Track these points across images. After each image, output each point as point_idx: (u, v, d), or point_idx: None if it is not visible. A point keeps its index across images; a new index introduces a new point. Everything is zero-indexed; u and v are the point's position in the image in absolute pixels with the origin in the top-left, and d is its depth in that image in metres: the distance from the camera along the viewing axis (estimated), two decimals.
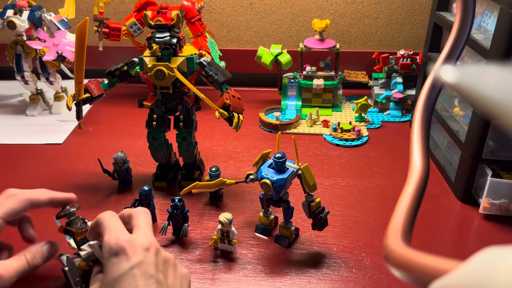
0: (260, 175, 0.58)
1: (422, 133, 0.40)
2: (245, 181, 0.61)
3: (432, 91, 0.42)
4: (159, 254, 0.45)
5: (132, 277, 0.42)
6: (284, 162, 0.57)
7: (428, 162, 0.38)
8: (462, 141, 0.70)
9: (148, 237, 0.46)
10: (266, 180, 0.56)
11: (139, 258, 0.43)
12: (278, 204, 0.60)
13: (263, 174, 0.57)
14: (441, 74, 0.20)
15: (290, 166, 0.58)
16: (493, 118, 0.19)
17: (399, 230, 0.32)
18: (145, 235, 0.46)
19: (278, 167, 0.57)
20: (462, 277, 0.20)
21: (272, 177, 0.56)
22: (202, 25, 0.99)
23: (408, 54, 0.97)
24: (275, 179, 0.56)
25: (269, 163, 0.59)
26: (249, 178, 0.60)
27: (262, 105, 1.03)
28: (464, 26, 0.43)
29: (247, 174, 0.61)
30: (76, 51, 0.64)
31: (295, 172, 0.58)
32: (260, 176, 0.58)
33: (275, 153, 0.58)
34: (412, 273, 0.25)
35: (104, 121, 0.98)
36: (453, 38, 0.43)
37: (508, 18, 0.58)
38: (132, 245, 0.44)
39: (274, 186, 0.56)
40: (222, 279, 0.56)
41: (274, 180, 0.56)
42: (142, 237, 0.45)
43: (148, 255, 0.44)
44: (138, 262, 0.43)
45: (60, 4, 1.10)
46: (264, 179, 0.57)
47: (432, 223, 0.66)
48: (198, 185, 0.60)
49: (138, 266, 0.42)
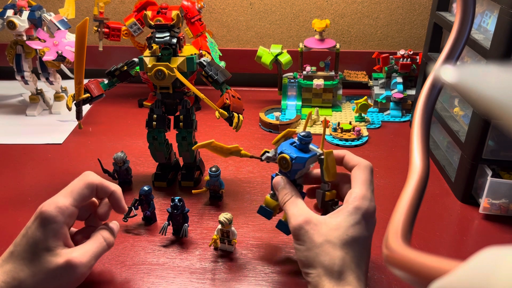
0: (280, 150, 0.55)
1: (422, 133, 0.40)
2: (260, 158, 0.58)
3: (432, 91, 0.42)
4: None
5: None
6: (309, 142, 0.54)
7: (428, 162, 0.38)
8: (462, 141, 0.70)
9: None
10: (285, 154, 0.53)
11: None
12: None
13: (284, 149, 0.54)
14: (441, 74, 0.20)
15: (313, 149, 0.55)
16: (493, 118, 0.19)
17: (399, 230, 0.32)
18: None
19: (302, 146, 0.54)
20: (462, 277, 0.20)
21: (292, 153, 0.53)
22: (202, 25, 0.99)
23: (408, 54, 0.97)
24: (296, 156, 0.53)
25: (291, 141, 0.56)
26: (265, 155, 0.58)
27: (262, 105, 1.03)
28: (464, 26, 0.43)
29: (264, 151, 0.58)
30: (76, 51, 0.64)
31: (317, 156, 0.54)
32: (279, 151, 0.55)
33: (300, 132, 0.55)
34: (412, 273, 0.25)
35: (104, 121, 0.98)
36: (453, 38, 0.43)
37: (508, 18, 0.58)
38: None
39: (292, 163, 0.53)
40: (222, 279, 0.56)
41: (294, 156, 0.53)
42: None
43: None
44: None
45: (60, 4, 1.10)
46: (283, 154, 0.54)
47: (432, 223, 0.66)
48: (213, 144, 0.58)
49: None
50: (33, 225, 0.48)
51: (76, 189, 0.51)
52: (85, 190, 0.51)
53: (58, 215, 0.48)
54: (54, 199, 0.50)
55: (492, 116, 0.19)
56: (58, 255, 0.48)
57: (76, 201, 0.50)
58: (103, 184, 0.53)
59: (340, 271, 0.45)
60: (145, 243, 0.62)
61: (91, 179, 0.52)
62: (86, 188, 0.52)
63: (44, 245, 0.48)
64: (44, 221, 0.48)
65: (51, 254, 0.48)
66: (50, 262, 0.47)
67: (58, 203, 0.49)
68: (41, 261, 0.47)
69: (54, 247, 0.48)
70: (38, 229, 0.48)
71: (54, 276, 0.47)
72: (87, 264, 0.49)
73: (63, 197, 0.50)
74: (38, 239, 0.48)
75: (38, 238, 0.48)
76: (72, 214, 0.50)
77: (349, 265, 0.45)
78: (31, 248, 0.47)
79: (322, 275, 0.45)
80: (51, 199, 0.50)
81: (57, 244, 0.48)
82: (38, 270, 0.47)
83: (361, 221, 0.47)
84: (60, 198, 0.50)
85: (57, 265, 0.47)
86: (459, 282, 0.20)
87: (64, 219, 0.49)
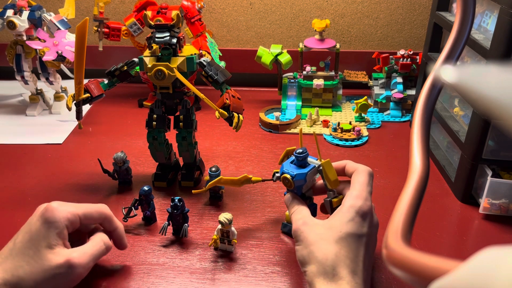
0: (282, 170, 0.58)
1: (422, 133, 0.40)
2: (272, 179, 0.61)
3: (432, 91, 0.42)
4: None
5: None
6: (305, 158, 0.57)
7: (428, 162, 0.38)
8: (462, 141, 0.70)
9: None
10: (286, 174, 0.57)
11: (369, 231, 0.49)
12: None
13: (284, 169, 0.58)
14: (441, 74, 0.20)
15: (312, 162, 0.58)
16: (493, 118, 0.19)
17: (399, 230, 0.32)
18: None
19: (300, 162, 0.57)
20: (462, 277, 0.20)
21: (292, 171, 0.57)
22: (202, 25, 0.99)
23: (408, 54, 0.97)
24: (295, 173, 0.56)
25: (291, 159, 0.59)
26: (275, 176, 0.60)
27: (262, 105, 1.03)
28: (464, 26, 0.43)
29: (274, 172, 0.61)
30: (76, 51, 0.64)
31: (316, 168, 0.58)
32: (281, 172, 0.58)
33: (296, 149, 0.58)
34: (412, 273, 0.25)
35: (104, 121, 0.98)
36: (453, 38, 0.43)
37: (508, 18, 0.58)
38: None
39: (294, 181, 0.56)
40: (222, 279, 0.56)
41: (294, 174, 0.56)
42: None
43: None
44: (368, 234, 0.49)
45: (60, 4, 1.10)
46: (284, 174, 0.57)
47: (432, 223, 0.66)
48: (222, 180, 0.61)
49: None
50: (38, 222, 0.50)
51: (88, 209, 0.54)
52: (94, 213, 0.54)
53: (65, 216, 0.50)
54: (64, 203, 0.52)
55: (492, 116, 0.19)
56: (58, 254, 0.49)
57: (84, 215, 0.53)
58: (112, 218, 0.56)
59: (333, 265, 0.46)
60: (145, 243, 0.62)
61: (104, 209, 0.56)
62: (96, 212, 0.55)
63: (47, 242, 0.49)
64: (50, 219, 0.50)
65: (51, 252, 0.48)
66: (50, 260, 0.48)
67: (67, 208, 0.52)
68: (42, 257, 0.48)
69: (55, 245, 0.49)
70: (43, 226, 0.49)
71: (52, 274, 0.48)
72: (85, 266, 0.50)
73: (73, 206, 0.53)
74: (41, 235, 0.49)
75: (42, 235, 0.49)
76: (75, 223, 0.52)
77: (343, 260, 0.46)
78: (34, 244, 0.48)
79: (316, 271, 0.46)
80: (60, 202, 0.52)
81: (58, 243, 0.49)
82: (37, 267, 0.47)
83: (355, 218, 0.49)
84: (70, 205, 0.53)
85: (57, 264, 0.48)
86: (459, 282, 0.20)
87: (68, 222, 0.51)
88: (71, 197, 0.71)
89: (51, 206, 0.51)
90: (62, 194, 0.72)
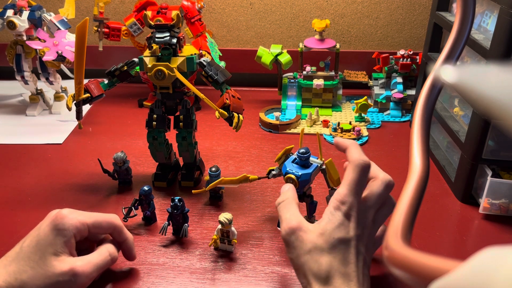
0: (285, 170, 0.58)
1: (422, 133, 0.40)
2: (267, 176, 0.61)
3: (432, 91, 0.42)
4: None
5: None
6: (308, 157, 0.58)
7: (428, 162, 0.38)
8: (462, 141, 0.70)
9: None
10: (291, 175, 0.57)
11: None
12: (301, 199, 0.60)
13: (288, 169, 0.58)
14: (441, 74, 0.20)
15: (314, 161, 0.58)
16: (493, 118, 0.19)
17: (399, 230, 0.32)
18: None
19: (302, 162, 0.58)
20: (462, 277, 0.20)
21: (297, 172, 0.57)
22: (202, 25, 0.99)
23: (408, 54, 0.97)
24: (300, 174, 0.57)
25: (292, 159, 0.59)
26: (271, 174, 0.61)
27: (262, 105, 1.03)
28: (464, 26, 0.43)
29: (269, 170, 0.61)
30: (76, 51, 0.64)
31: (319, 167, 0.58)
32: (284, 172, 0.58)
33: (299, 149, 0.58)
34: (412, 273, 0.25)
35: (104, 121, 0.98)
36: (453, 38, 0.44)
37: (508, 18, 0.58)
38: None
39: (299, 181, 0.57)
40: (222, 279, 0.56)
41: (299, 175, 0.57)
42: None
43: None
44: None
45: (60, 4, 1.10)
46: (289, 174, 0.57)
47: (432, 223, 0.66)
48: (223, 181, 0.61)
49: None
50: (47, 227, 0.50)
51: (98, 218, 0.54)
52: (104, 223, 0.54)
53: (73, 224, 0.50)
54: (75, 211, 0.52)
55: (492, 116, 0.19)
56: (63, 262, 0.49)
57: (93, 225, 0.53)
58: (121, 229, 0.56)
59: (327, 276, 0.45)
60: (145, 243, 0.62)
61: (114, 220, 0.55)
62: (106, 222, 0.54)
63: (53, 249, 0.49)
64: (59, 226, 0.50)
65: (57, 259, 0.48)
66: (54, 266, 0.48)
67: (77, 216, 0.52)
68: (47, 264, 0.48)
69: (61, 253, 0.49)
70: (51, 232, 0.49)
71: (55, 281, 0.48)
72: (89, 275, 0.50)
73: (83, 215, 0.53)
74: (49, 242, 0.49)
75: (49, 241, 0.49)
76: (83, 232, 0.52)
77: (336, 268, 0.45)
78: (40, 249, 0.48)
79: (311, 282, 0.46)
80: (71, 210, 0.52)
81: (65, 251, 0.49)
82: (41, 273, 0.47)
83: (344, 222, 0.47)
84: (80, 213, 0.53)
85: (61, 271, 0.48)
86: (459, 282, 0.20)
87: (76, 231, 0.51)
88: (71, 197, 0.71)
89: (62, 214, 0.50)
90: (62, 194, 0.72)
